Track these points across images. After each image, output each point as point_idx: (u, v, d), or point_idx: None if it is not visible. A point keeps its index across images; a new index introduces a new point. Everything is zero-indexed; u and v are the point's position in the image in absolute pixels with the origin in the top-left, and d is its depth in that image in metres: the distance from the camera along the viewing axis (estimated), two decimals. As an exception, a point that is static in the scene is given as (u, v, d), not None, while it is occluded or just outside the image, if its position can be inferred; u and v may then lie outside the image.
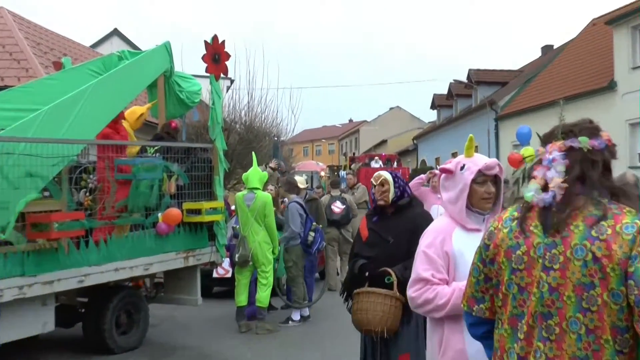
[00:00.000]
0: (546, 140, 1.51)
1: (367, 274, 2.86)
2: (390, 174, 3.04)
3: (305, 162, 28.20)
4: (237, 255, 5.71)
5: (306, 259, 6.43)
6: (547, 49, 24.88)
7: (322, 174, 23.93)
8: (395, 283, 2.75)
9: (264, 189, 6.31)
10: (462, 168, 2.18)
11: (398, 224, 2.90)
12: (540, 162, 1.49)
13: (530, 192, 1.46)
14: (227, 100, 14.68)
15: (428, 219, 2.87)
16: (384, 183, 3.00)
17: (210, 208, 5.40)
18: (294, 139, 22.75)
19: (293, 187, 6.34)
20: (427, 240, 2.12)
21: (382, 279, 2.77)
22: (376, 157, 22.99)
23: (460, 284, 2.02)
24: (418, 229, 2.74)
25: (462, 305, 1.62)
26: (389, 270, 2.78)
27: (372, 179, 3.08)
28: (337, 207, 8.12)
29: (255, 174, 5.84)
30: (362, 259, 2.91)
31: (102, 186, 4.56)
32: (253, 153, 6.32)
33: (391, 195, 2.96)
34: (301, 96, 71.62)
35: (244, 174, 5.90)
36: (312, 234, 6.13)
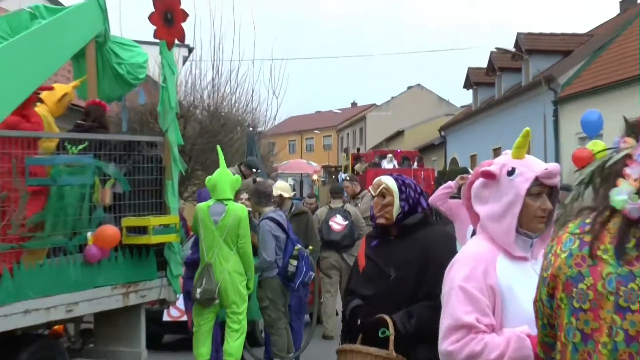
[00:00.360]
0: (635, 128, 1.49)
1: (359, 321, 2.83)
2: (395, 179, 3.03)
3: (291, 161, 28.31)
4: (198, 291, 5.66)
5: (292, 295, 6.43)
6: (627, 3, 23.68)
7: (315, 177, 24.11)
8: (391, 338, 2.69)
9: (236, 198, 6.30)
10: (510, 173, 2.17)
11: (403, 252, 2.87)
12: (629, 157, 1.45)
13: (622, 195, 1.42)
14: (183, 76, 14.76)
15: (446, 245, 2.86)
16: (384, 193, 2.99)
17: (160, 225, 5.41)
18: (277, 130, 22.80)
19: (264, 198, 6.36)
20: (464, 271, 2.09)
21: (377, 329, 2.73)
22: (389, 155, 23.13)
23: (519, 330, 1.97)
24: (430, 259, 2.78)
25: (538, 353, 1.62)
26: (386, 318, 2.73)
27: (369, 187, 3.10)
28: (338, 223, 8.14)
29: (225, 179, 5.84)
30: (357, 298, 2.91)
31: (6, 195, 4.49)
32: (219, 148, 6.28)
33: (395, 210, 2.96)
34: (286, 71, 71.95)
35: (209, 178, 5.88)
36: (294, 262, 6.17)
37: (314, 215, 8.15)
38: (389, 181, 3.02)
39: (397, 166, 22.73)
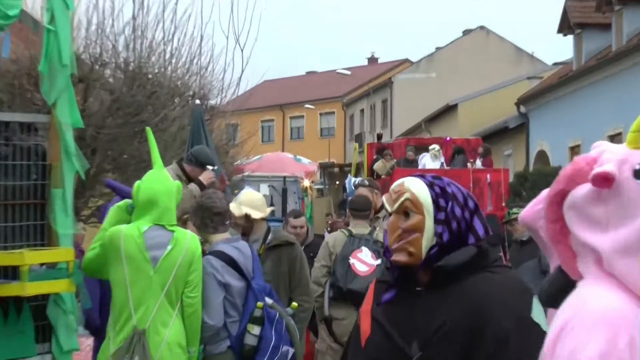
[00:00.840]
0: None
1: None
2: (430, 184, 2.97)
3: (268, 155, 28.17)
4: None
5: None
6: None
7: (307, 183, 24.02)
8: None
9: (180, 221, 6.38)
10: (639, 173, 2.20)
11: (437, 315, 2.86)
12: None
13: None
14: (84, 13, 14.74)
15: (516, 304, 2.79)
16: (408, 208, 2.94)
17: (42, 265, 5.44)
18: (242, 103, 22.74)
19: (212, 218, 6.37)
20: (596, 344, 2.10)
21: None
22: (434, 147, 23.18)
23: None
24: (486, 329, 2.75)
25: None
26: None
27: (383, 197, 3.12)
28: (365, 262, 8.13)
29: (169, 188, 5.91)
30: None
31: None
32: (149, 132, 6.30)
33: (426, 240, 2.91)
34: (259, 3, 71.26)
35: (140, 187, 5.88)
36: (254, 328, 6.18)
37: (304, 246, 8.15)
38: (417, 187, 2.97)
39: (444, 165, 22.77)
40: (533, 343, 2.55)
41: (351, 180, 24.60)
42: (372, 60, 65.35)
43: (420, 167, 22.55)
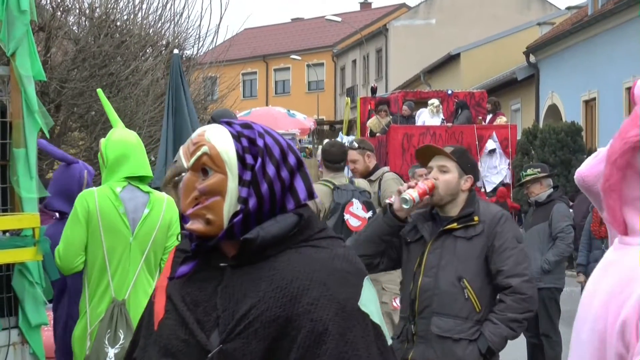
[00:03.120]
0: None
1: None
2: (233, 130, 2.64)
3: (258, 110, 27.91)
4: (111, 354, 5.75)
5: None
6: None
7: (305, 141, 23.68)
8: None
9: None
10: None
11: (243, 299, 2.60)
12: None
13: None
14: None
15: (340, 287, 2.54)
16: (206, 164, 2.60)
17: (5, 232, 5.47)
18: (221, 54, 22.65)
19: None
20: None
21: None
22: (433, 101, 23.19)
23: None
24: (302, 319, 2.52)
25: None
26: None
27: (180, 150, 2.73)
28: (359, 215, 8.17)
29: (136, 140, 5.99)
30: None
31: None
32: (101, 93, 6.47)
33: (228, 205, 2.59)
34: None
35: (109, 142, 5.94)
36: None
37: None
38: (219, 138, 2.63)
39: (444, 121, 22.78)
40: (358, 337, 2.47)
41: (342, 139, 24.63)
42: (365, 5, 65.10)
43: (418, 123, 22.57)
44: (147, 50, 14.96)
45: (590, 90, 26.96)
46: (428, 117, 22.76)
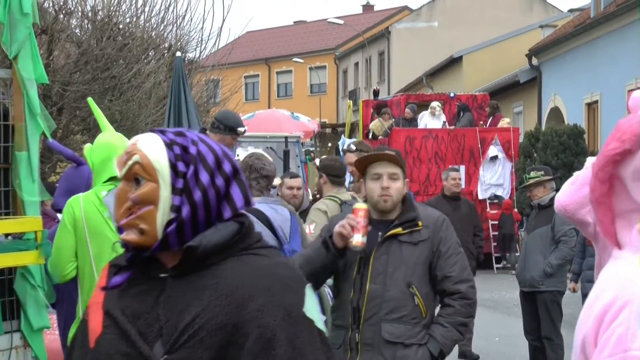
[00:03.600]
0: None
1: None
2: (167, 138, 2.60)
3: (261, 113, 27.84)
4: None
5: None
6: None
7: (309, 144, 23.73)
8: None
9: None
10: None
11: (186, 310, 2.57)
12: None
13: None
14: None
15: (285, 294, 2.53)
16: (138, 174, 2.57)
17: (7, 235, 5.46)
18: (223, 57, 22.66)
19: (259, 181, 6.69)
20: None
21: None
22: (435, 104, 23.18)
23: None
24: (250, 328, 2.51)
25: None
26: None
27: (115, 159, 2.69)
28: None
29: (122, 142, 5.94)
30: None
31: None
32: (91, 102, 6.43)
33: (162, 215, 2.56)
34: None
35: (92, 146, 5.95)
36: None
37: (299, 212, 8.17)
38: (151, 146, 2.59)
39: (445, 124, 22.78)
40: (305, 342, 2.47)
41: (345, 142, 24.58)
42: (368, 7, 65.03)
43: (420, 126, 22.58)
44: (150, 53, 14.97)
45: (592, 92, 26.92)
46: (430, 119, 22.78)
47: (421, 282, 5.12)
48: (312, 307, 2.54)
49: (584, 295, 10.57)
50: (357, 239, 4.92)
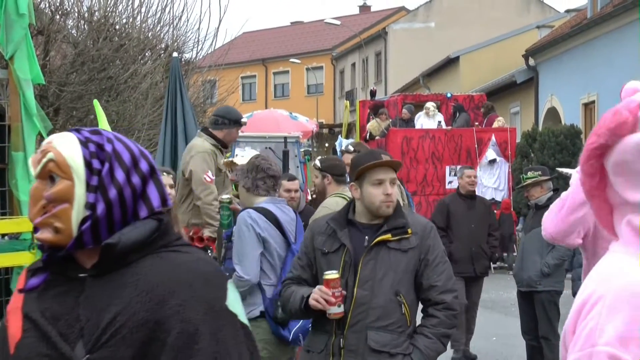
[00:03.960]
0: None
1: None
2: (80, 136, 2.58)
3: (260, 113, 27.79)
4: None
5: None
6: None
7: (305, 144, 23.71)
8: None
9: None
10: None
11: (107, 309, 2.54)
12: None
13: None
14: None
15: (209, 291, 2.54)
16: (52, 172, 2.54)
17: (3, 235, 5.48)
18: (220, 58, 22.67)
19: (266, 181, 6.68)
20: (616, 324, 2.11)
21: None
22: (430, 104, 23.19)
23: None
24: (171, 318, 2.51)
25: None
26: None
27: (30, 158, 2.63)
28: None
29: None
30: None
31: None
32: (97, 105, 6.44)
33: (77, 213, 2.52)
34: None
35: None
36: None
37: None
38: (66, 144, 2.56)
39: (441, 124, 22.79)
40: (228, 336, 2.47)
41: (342, 143, 24.56)
42: (364, 8, 65.03)
43: (417, 127, 22.60)
44: (146, 54, 14.95)
45: (589, 93, 26.93)
46: (426, 119, 22.81)
47: (408, 291, 5.04)
48: (234, 302, 2.53)
49: (575, 294, 10.60)
50: (334, 311, 4.85)
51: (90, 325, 2.48)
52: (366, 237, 5.06)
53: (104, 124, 6.16)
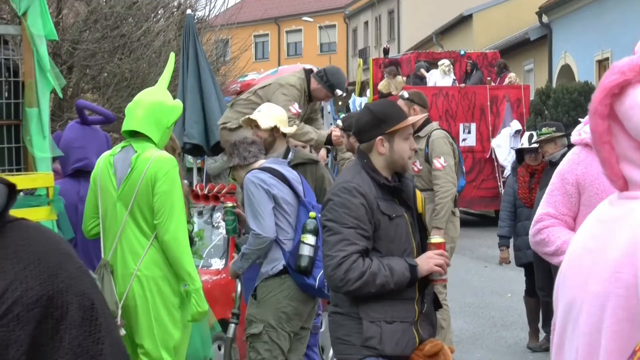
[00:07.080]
0: None
1: None
2: None
3: (284, 68, 27.62)
4: None
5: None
6: None
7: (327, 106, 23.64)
8: None
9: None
10: None
11: None
12: None
13: None
14: None
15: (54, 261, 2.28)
16: None
17: (19, 191, 5.40)
18: (232, 17, 22.60)
19: (249, 149, 6.72)
20: None
21: None
22: (444, 61, 23.10)
23: None
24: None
25: None
26: None
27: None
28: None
29: (152, 98, 5.89)
30: None
31: None
32: (172, 56, 6.47)
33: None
34: None
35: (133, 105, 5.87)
36: (309, 237, 6.39)
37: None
38: None
39: (455, 82, 22.70)
40: (105, 303, 2.35)
41: (355, 101, 24.52)
42: (377, -34, 64.76)
43: (430, 84, 22.52)
44: (159, 12, 14.92)
45: (603, 50, 26.80)
46: (439, 77, 22.72)
47: None
48: None
49: (522, 265, 10.47)
50: (445, 276, 4.87)
51: None
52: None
53: (167, 74, 6.08)
